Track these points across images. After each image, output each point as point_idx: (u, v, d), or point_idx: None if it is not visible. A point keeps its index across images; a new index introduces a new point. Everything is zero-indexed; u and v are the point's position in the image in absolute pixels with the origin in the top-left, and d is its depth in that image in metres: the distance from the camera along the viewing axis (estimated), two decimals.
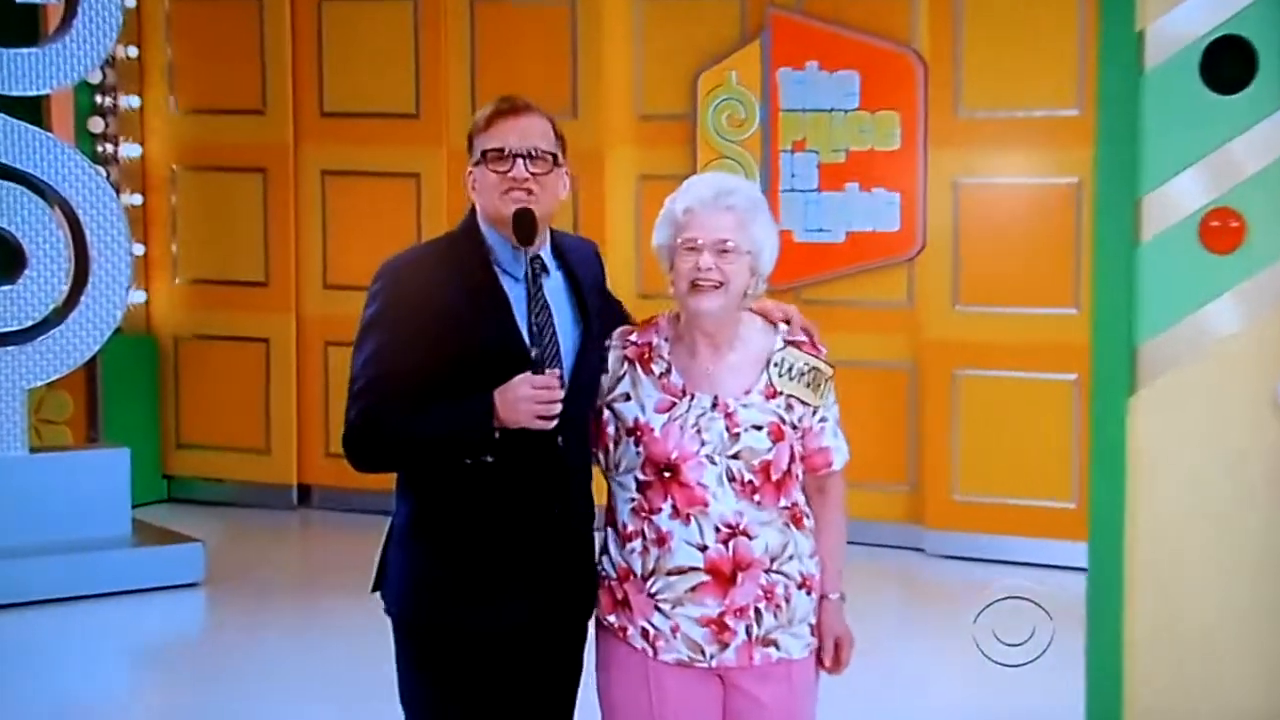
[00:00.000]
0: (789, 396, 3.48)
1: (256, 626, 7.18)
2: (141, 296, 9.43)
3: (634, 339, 3.57)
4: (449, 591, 3.49)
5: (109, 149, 9.29)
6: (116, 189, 8.34)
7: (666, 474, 3.44)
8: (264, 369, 9.38)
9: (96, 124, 9.24)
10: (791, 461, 3.49)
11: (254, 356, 9.39)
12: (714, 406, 3.46)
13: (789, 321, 3.57)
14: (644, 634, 3.50)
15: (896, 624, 7.16)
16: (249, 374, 9.39)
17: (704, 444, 3.44)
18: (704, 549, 3.43)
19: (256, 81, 9.27)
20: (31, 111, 7.97)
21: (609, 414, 3.53)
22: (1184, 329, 4.65)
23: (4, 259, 7.64)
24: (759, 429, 3.45)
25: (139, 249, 9.14)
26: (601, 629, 3.60)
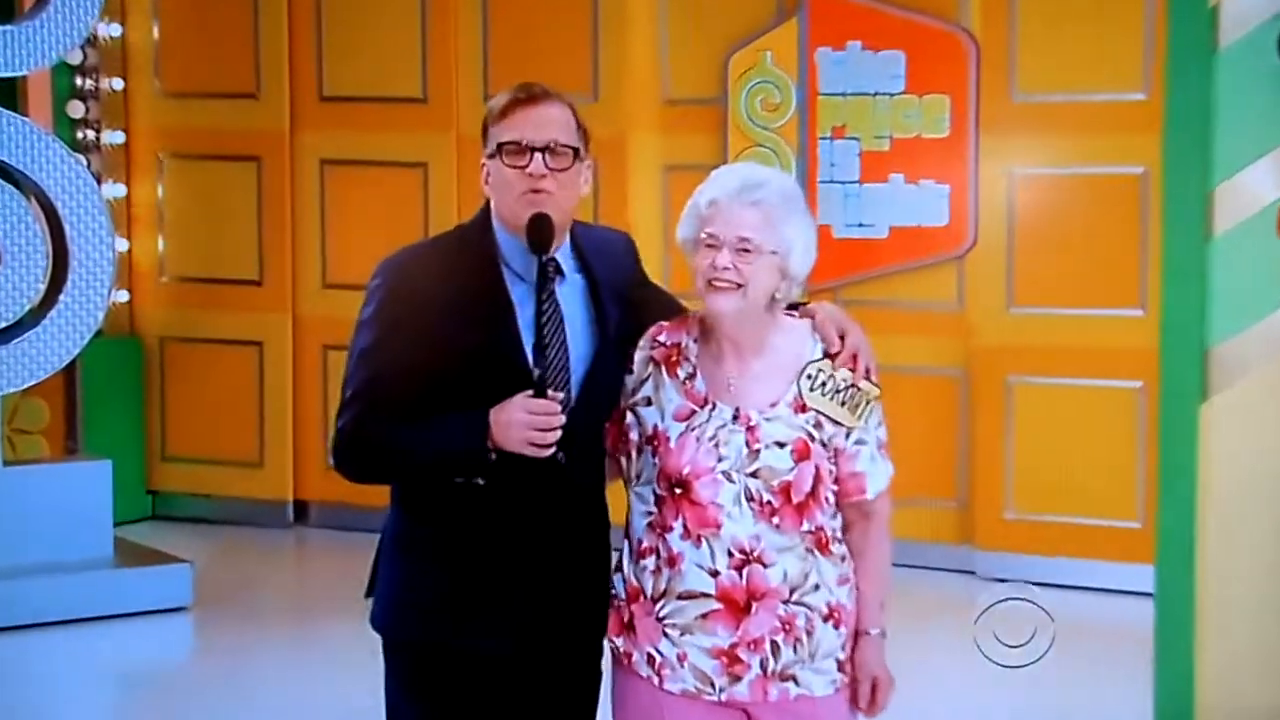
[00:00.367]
0: (819, 413, 3.44)
1: (248, 654, 7.18)
2: (125, 296, 9.44)
3: (663, 339, 3.55)
4: (435, 609, 3.50)
5: (90, 135, 9.30)
6: (98, 179, 8.37)
7: (678, 490, 3.41)
8: (257, 375, 9.39)
9: (76, 108, 9.25)
10: (818, 483, 3.44)
11: (247, 361, 9.40)
12: (735, 419, 3.43)
13: (842, 338, 3.46)
14: (649, 660, 3.47)
15: (944, 657, 7.11)
16: (241, 380, 9.40)
17: (721, 459, 3.40)
18: (715, 574, 3.40)
19: (250, 63, 9.28)
20: (6, 95, 8.01)
21: (631, 418, 3.51)
22: (1260, 330, 4.65)
23: None
24: (781, 446, 3.40)
25: (122, 244, 9.15)
26: (613, 655, 3.59)
